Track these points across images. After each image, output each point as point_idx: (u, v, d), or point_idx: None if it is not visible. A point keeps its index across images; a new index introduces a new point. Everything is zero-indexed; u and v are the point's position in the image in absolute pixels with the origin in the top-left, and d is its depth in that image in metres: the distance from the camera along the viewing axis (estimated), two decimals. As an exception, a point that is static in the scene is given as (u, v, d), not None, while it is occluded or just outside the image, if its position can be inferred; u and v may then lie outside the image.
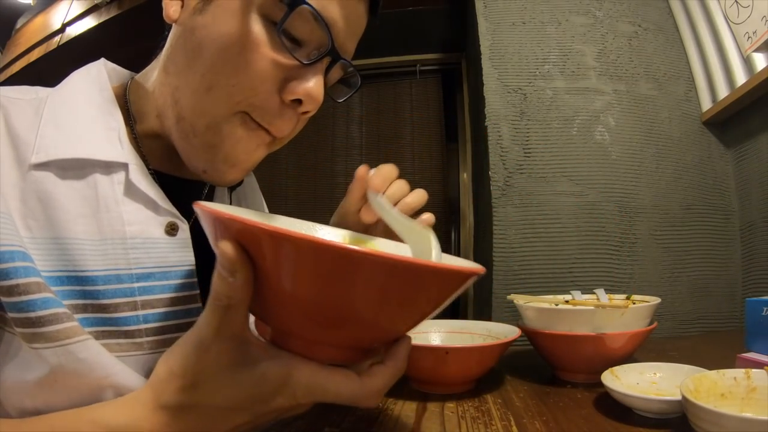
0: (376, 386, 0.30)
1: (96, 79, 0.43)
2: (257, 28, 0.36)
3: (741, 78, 0.97)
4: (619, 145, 1.10)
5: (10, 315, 0.32)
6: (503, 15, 1.19)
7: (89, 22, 1.72)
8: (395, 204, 0.44)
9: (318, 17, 0.36)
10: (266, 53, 0.36)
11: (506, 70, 1.15)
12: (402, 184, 0.44)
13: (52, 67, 1.85)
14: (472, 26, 1.30)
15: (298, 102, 0.38)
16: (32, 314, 0.32)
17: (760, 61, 0.93)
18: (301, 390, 0.29)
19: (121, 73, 0.47)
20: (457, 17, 1.61)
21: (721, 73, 1.04)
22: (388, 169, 0.43)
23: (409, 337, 0.34)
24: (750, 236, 1.04)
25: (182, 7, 0.39)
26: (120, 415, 0.31)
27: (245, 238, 0.25)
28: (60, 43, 1.79)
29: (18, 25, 2.14)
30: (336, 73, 0.43)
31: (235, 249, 0.26)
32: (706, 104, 1.11)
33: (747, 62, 0.96)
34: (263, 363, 0.29)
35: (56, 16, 1.88)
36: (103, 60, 0.46)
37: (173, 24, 0.40)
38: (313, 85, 0.38)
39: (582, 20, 1.18)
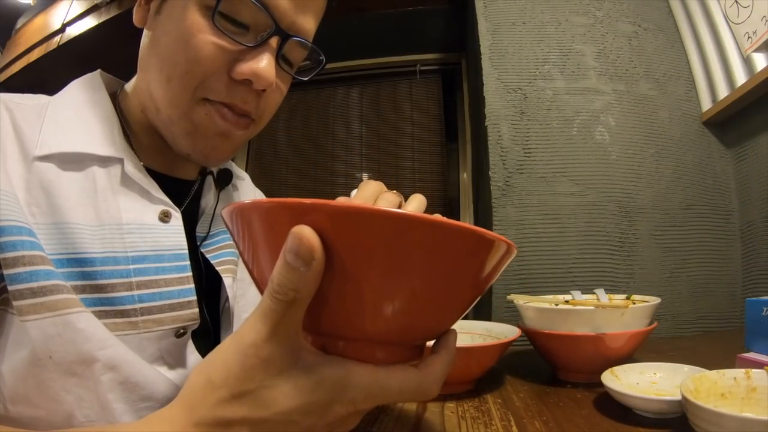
0: (436, 374, 0.29)
1: (93, 85, 0.47)
2: (197, 18, 0.39)
3: (741, 78, 0.97)
4: (619, 145, 1.09)
5: (13, 287, 0.34)
6: (503, 15, 1.19)
7: (89, 22, 1.72)
8: None
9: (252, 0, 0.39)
10: (207, 39, 0.39)
11: (506, 70, 1.15)
12: (390, 197, 0.38)
13: (52, 67, 1.85)
14: (472, 26, 1.30)
15: (250, 81, 0.41)
16: (35, 284, 0.34)
17: (760, 61, 0.93)
18: (361, 393, 0.25)
19: (115, 81, 0.51)
20: (457, 17, 1.61)
21: (721, 73, 1.04)
22: (371, 188, 0.38)
23: (455, 330, 0.32)
24: (750, 236, 1.04)
25: (148, 11, 0.44)
26: None
27: (323, 223, 0.23)
28: (60, 43, 1.79)
29: (18, 25, 2.13)
30: (296, 52, 0.45)
31: (316, 234, 0.22)
32: (706, 104, 1.10)
33: (747, 62, 0.96)
34: (318, 368, 0.25)
35: (56, 16, 1.88)
36: (99, 71, 0.49)
37: (144, 28, 0.45)
38: (258, 65, 0.40)
39: (582, 20, 1.18)
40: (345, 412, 0.26)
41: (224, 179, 0.54)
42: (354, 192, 0.39)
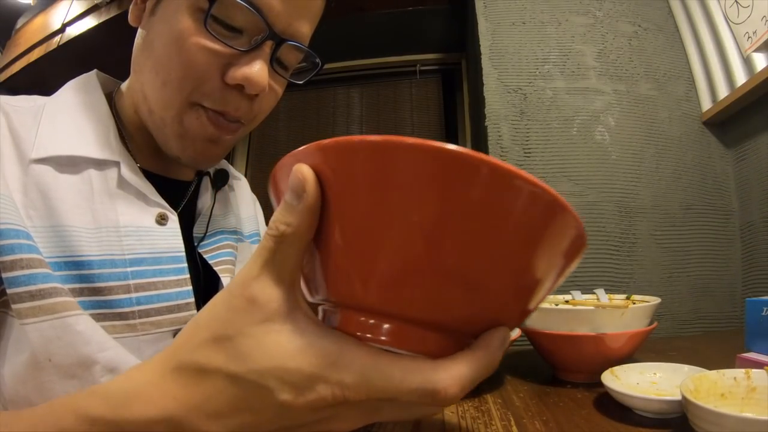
0: (454, 373, 0.21)
1: (88, 86, 0.47)
2: (190, 22, 0.39)
3: (741, 78, 0.97)
4: (619, 145, 1.09)
5: (11, 291, 0.34)
6: (503, 15, 1.19)
7: (89, 22, 1.72)
8: None
9: (244, 3, 0.38)
10: (200, 43, 0.39)
11: (506, 70, 1.15)
12: None
13: (52, 67, 1.85)
14: (472, 26, 1.30)
15: (242, 86, 0.41)
16: (33, 287, 0.34)
17: (760, 61, 0.93)
18: (352, 375, 0.20)
19: (111, 82, 0.51)
20: (457, 17, 1.61)
21: (721, 73, 1.04)
22: None
23: (506, 329, 0.23)
24: (750, 236, 1.04)
25: (143, 11, 0.43)
26: (113, 384, 0.24)
27: (319, 163, 0.21)
28: (60, 43, 1.78)
29: (18, 25, 2.13)
30: (290, 56, 0.45)
31: (310, 169, 0.21)
32: (706, 104, 1.10)
33: (747, 62, 0.96)
34: (309, 333, 0.22)
35: (56, 16, 1.88)
36: (95, 71, 0.49)
37: (138, 27, 0.44)
38: (250, 71, 0.40)
39: (582, 20, 1.18)
40: (330, 397, 0.21)
41: (221, 180, 0.55)
42: None
